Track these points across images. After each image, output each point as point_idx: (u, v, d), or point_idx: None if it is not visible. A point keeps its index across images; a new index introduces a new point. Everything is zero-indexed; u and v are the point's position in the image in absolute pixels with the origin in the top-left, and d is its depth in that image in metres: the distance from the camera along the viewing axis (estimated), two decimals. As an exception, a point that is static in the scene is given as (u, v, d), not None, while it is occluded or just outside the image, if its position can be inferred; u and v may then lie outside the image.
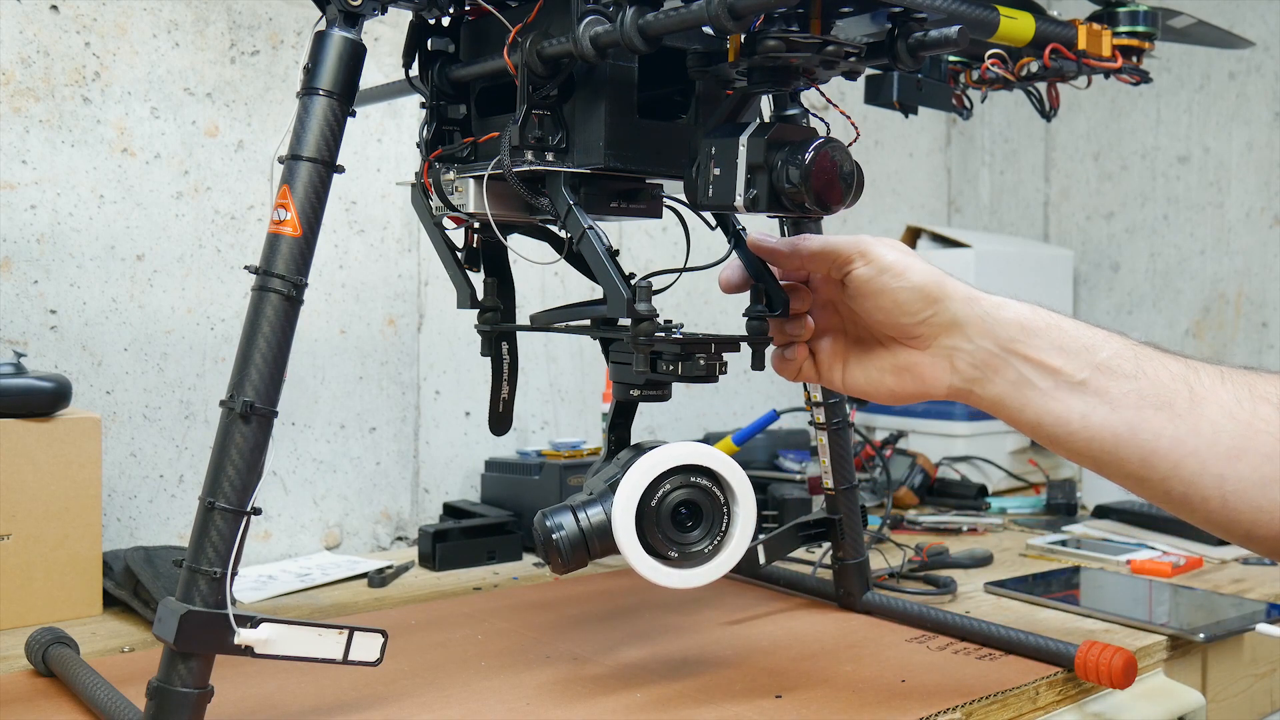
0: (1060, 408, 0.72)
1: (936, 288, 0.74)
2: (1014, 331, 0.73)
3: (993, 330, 0.73)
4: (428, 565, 1.25)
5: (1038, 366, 0.72)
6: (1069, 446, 0.73)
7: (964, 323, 0.74)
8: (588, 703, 0.80)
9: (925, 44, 0.75)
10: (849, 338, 0.80)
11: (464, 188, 0.81)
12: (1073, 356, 0.72)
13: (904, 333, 0.76)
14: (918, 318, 0.74)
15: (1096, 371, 0.71)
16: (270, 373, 0.68)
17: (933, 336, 0.75)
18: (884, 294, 0.74)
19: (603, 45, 0.70)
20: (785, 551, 1.05)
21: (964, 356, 0.74)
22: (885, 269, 0.74)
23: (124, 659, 0.92)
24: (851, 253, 0.76)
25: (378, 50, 1.34)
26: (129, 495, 1.21)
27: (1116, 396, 0.70)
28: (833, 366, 0.80)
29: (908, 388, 0.77)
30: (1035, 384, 0.72)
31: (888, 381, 0.78)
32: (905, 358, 0.77)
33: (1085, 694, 0.89)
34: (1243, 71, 1.80)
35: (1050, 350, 0.72)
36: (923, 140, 2.06)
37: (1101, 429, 0.71)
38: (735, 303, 1.73)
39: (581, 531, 0.73)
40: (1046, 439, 0.74)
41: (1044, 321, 0.73)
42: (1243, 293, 1.80)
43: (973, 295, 0.74)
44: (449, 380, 1.45)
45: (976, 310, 0.74)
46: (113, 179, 1.19)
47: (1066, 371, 0.72)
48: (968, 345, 0.74)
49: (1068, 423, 0.72)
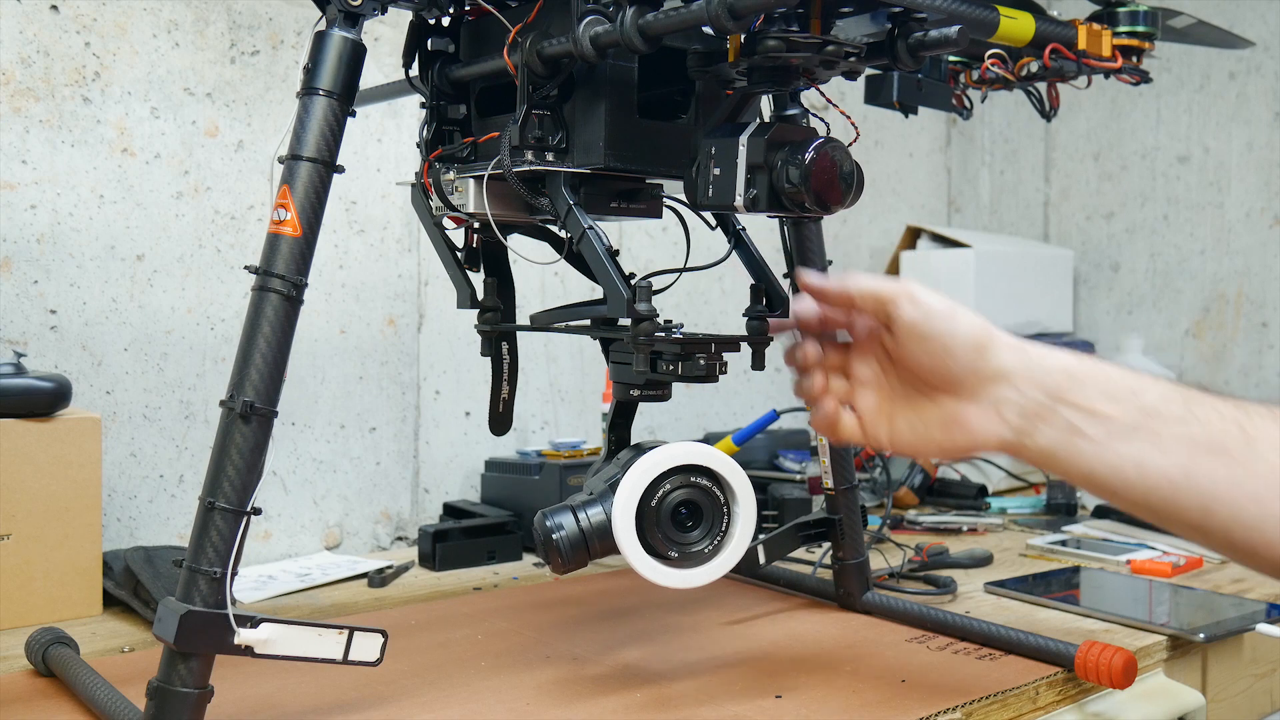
0: (1114, 457, 0.70)
1: (984, 335, 0.73)
2: (1060, 379, 0.72)
3: (1040, 379, 0.72)
4: (428, 565, 1.25)
5: (1088, 414, 0.71)
6: (1126, 497, 0.71)
7: (1011, 372, 0.72)
8: (588, 703, 0.80)
9: (925, 44, 0.75)
10: (893, 394, 0.78)
11: (464, 188, 0.81)
12: (1121, 402, 0.70)
13: (952, 381, 0.74)
14: (966, 365, 0.73)
15: (1146, 416, 0.69)
16: (270, 373, 0.68)
17: (980, 386, 0.73)
18: (932, 338, 0.73)
19: (603, 45, 0.70)
20: (785, 551, 1.05)
21: (1012, 406, 0.73)
22: (933, 313, 0.73)
23: (124, 659, 0.92)
24: (899, 293, 0.74)
25: (378, 50, 1.34)
26: (129, 495, 1.21)
27: (1168, 441, 0.69)
28: (878, 424, 0.79)
29: (957, 441, 0.75)
30: (1086, 433, 0.70)
31: (935, 436, 0.76)
32: (953, 410, 0.75)
33: (1085, 694, 0.89)
34: (1243, 71, 1.80)
35: (1099, 397, 0.71)
36: (923, 140, 2.06)
37: (1157, 477, 0.69)
38: (735, 303, 1.74)
39: (581, 531, 0.73)
40: (1101, 490, 0.72)
41: (1089, 368, 0.72)
42: (1243, 293, 1.80)
43: (1019, 344, 0.73)
44: (449, 380, 1.45)
45: (1023, 359, 0.73)
46: (113, 179, 1.19)
47: (1117, 417, 0.70)
48: (1015, 395, 0.72)
49: (1122, 471, 0.70)
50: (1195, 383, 0.74)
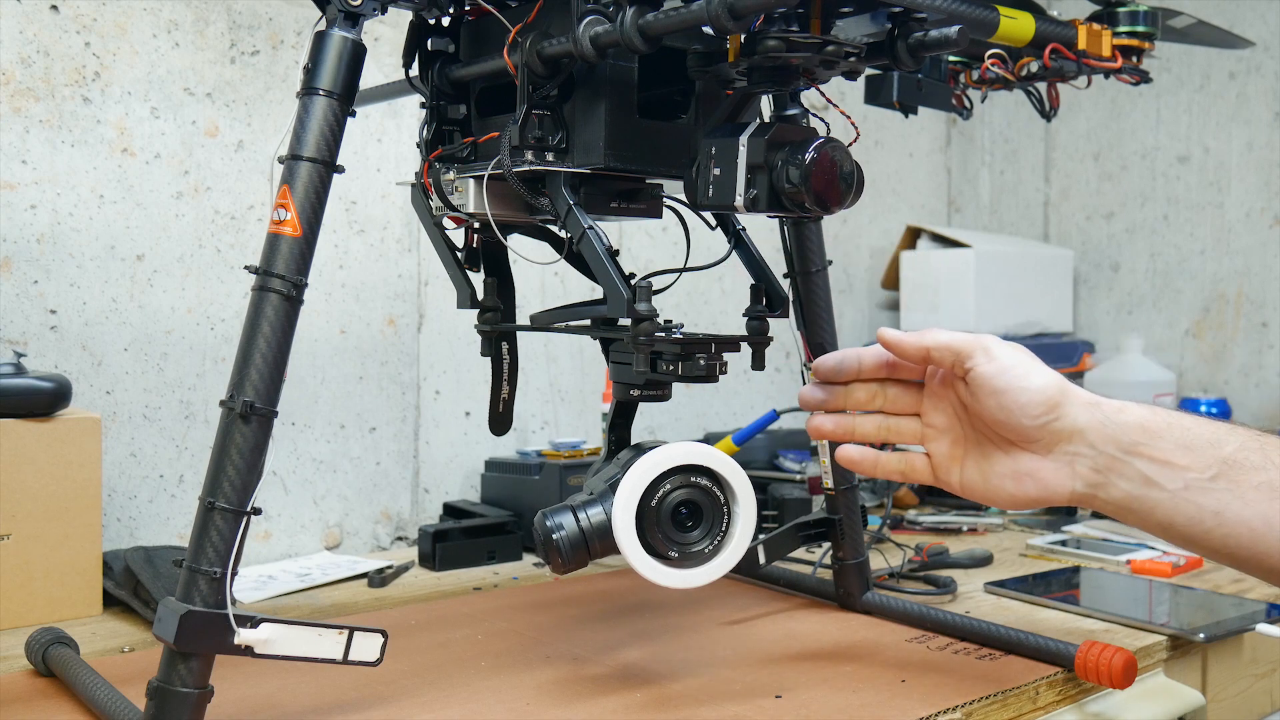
0: (1192, 508, 0.70)
1: (1059, 392, 0.73)
2: (1136, 435, 0.72)
3: (1115, 435, 0.72)
4: (428, 565, 1.25)
5: (1164, 466, 0.71)
6: (1205, 545, 0.71)
7: (1085, 429, 0.73)
8: (588, 703, 0.80)
9: (925, 44, 0.75)
10: (967, 441, 0.78)
11: (464, 188, 0.81)
12: (1199, 454, 0.71)
13: (1024, 436, 0.74)
14: (1039, 421, 0.73)
15: (1225, 466, 0.70)
16: (270, 373, 0.68)
17: (1054, 443, 0.74)
18: (1007, 393, 0.73)
19: (603, 45, 0.70)
20: (785, 551, 1.05)
21: (1086, 461, 0.73)
22: (1008, 368, 0.73)
23: (124, 659, 0.92)
24: (975, 347, 0.75)
25: (378, 50, 1.34)
26: (129, 495, 1.21)
27: (1248, 490, 0.69)
28: (950, 468, 0.79)
29: (1029, 493, 0.75)
30: (1163, 485, 0.71)
31: (1007, 486, 0.76)
32: (1026, 463, 0.75)
33: (1085, 694, 0.89)
34: (1243, 71, 1.80)
35: (1175, 450, 0.71)
36: (923, 140, 2.06)
37: (1237, 525, 0.69)
38: (735, 303, 1.74)
39: (582, 531, 0.73)
40: (1180, 539, 0.72)
41: (1165, 421, 0.72)
42: (1243, 293, 1.80)
43: (1094, 400, 0.74)
44: (449, 380, 1.45)
45: (1098, 416, 0.73)
46: (113, 179, 1.19)
47: (1195, 469, 0.70)
48: (1089, 451, 0.73)
49: (1201, 522, 0.70)
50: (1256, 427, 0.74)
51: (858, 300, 1.97)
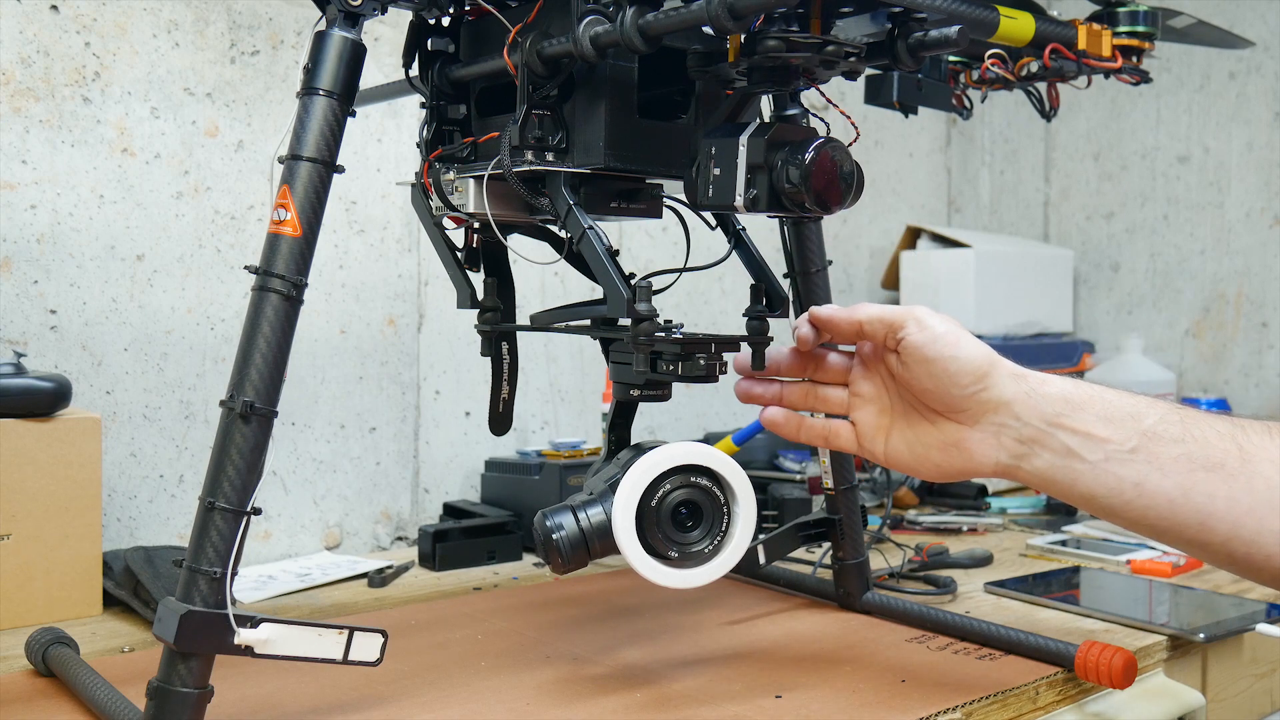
0: (1112, 479, 0.72)
1: (988, 363, 0.74)
2: (1059, 406, 0.73)
3: (1038, 406, 0.73)
4: (428, 565, 1.25)
5: (1085, 438, 0.72)
6: (1125, 516, 0.73)
7: (1011, 400, 0.74)
8: (588, 703, 0.80)
9: (925, 44, 0.75)
10: (894, 411, 0.80)
11: (464, 188, 0.81)
12: (1119, 425, 0.72)
13: (953, 406, 0.76)
14: (967, 391, 0.74)
15: (1145, 438, 0.71)
16: (270, 373, 0.68)
17: (981, 413, 0.75)
18: (937, 362, 0.74)
19: (603, 45, 0.70)
20: (785, 551, 1.05)
21: (1010, 432, 0.74)
22: (939, 337, 0.75)
23: (124, 659, 0.92)
24: (906, 317, 0.76)
25: (378, 50, 1.34)
26: (129, 495, 1.21)
27: (1167, 461, 0.70)
28: (875, 437, 0.80)
29: (954, 464, 0.77)
30: (1084, 456, 0.72)
31: (934, 457, 0.77)
32: (953, 434, 0.76)
33: (1085, 694, 0.89)
34: (1243, 71, 1.80)
35: (1096, 421, 0.72)
36: (923, 140, 2.06)
37: (1155, 495, 0.70)
38: (735, 303, 1.74)
39: (581, 531, 0.73)
40: (1101, 510, 0.73)
41: (1087, 394, 0.73)
42: (1243, 293, 1.80)
43: (1020, 372, 0.75)
44: (449, 380, 1.45)
45: (1023, 387, 0.74)
46: (113, 179, 1.19)
47: (1115, 440, 0.72)
48: (1014, 422, 0.74)
49: (1121, 493, 0.72)
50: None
51: (858, 300, 1.96)
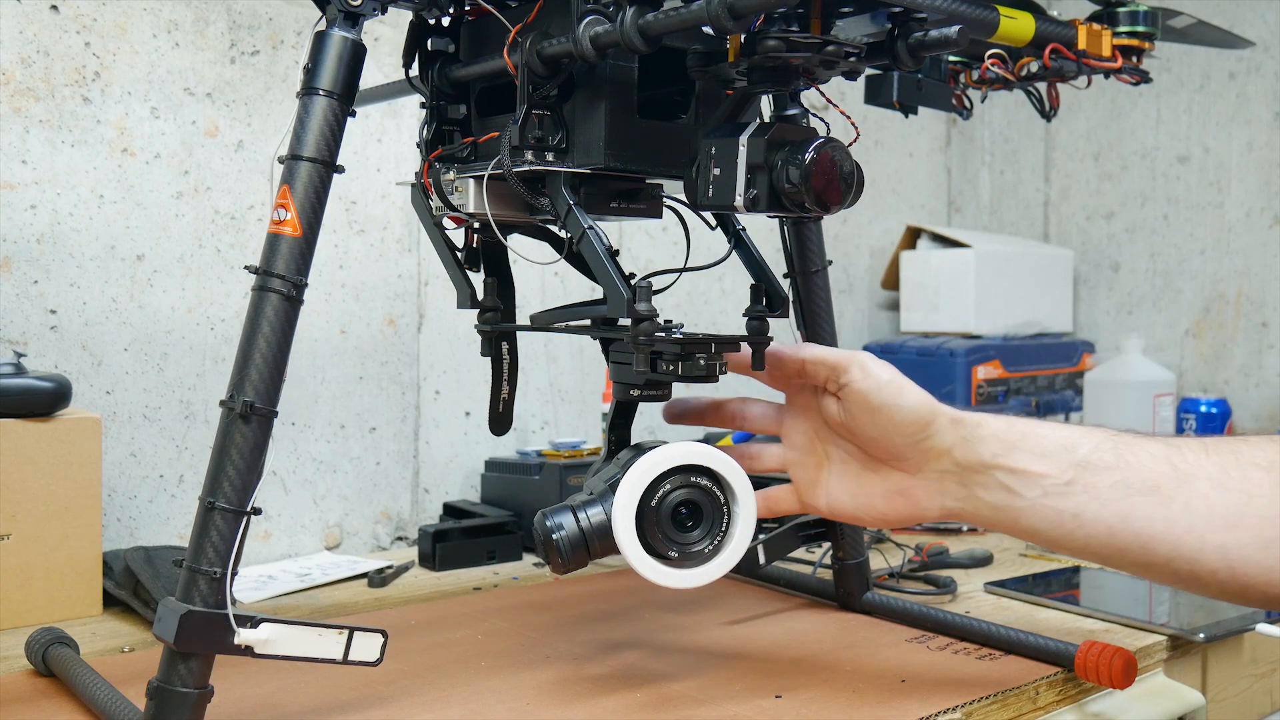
0: (1051, 513, 0.72)
1: (929, 411, 0.75)
2: (994, 447, 0.74)
3: (975, 449, 0.74)
4: (428, 565, 1.25)
5: (1021, 476, 0.73)
6: (1068, 547, 0.73)
7: (951, 446, 0.75)
8: (588, 703, 0.80)
9: (925, 44, 0.75)
10: (831, 460, 0.81)
11: (464, 188, 0.81)
12: (1053, 459, 0.73)
13: (896, 454, 0.76)
14: (911, 440, 0.75)
15: (1079, 469, 0.72)
16: (270, 373, 0.68)
17: (924, 460, 0.76)
18: (882, 410, 0.75)
19: (603, 45, 0.70)
20: (785, 551, 1.05)
21: (952, 478, 0.75)
22: (883, 385, 0.75)
23: (124, 659, 0.92)
24: (850, 362, 0.77)
25: (378, 50, 1.34)
26: (129, 495, 1.21)
27: (1103, 490, 0.71)
28: (814, 491, 0.81)
29: (899, 511, 0.78)
30: (1021, 493, 0.73)
31: (878, 506, 0.78)
32: (898, 482, 0.77)
33: (1085, 694, 0.89)
34: (1243, 71, 1.80)
35: (1031, 458, 0.73)
36: (923, 140, 2.06)
37: (1095, 525, 0.71)
38: (735, 303, 1.74)
39: (581, 531, 0.73)
40: (1045, 543, 0.74)
41: (1020, 431, 0.74)
42: (1243, 293, 1.80)
43: (958, 417, 0.75)
44: (449, 380, 1.45)
45: (961, 432, 0.75)
46: (113, 179, 1.19)
47: (1051, 475, 0.72)
48: (954, 467, 0.75)
49: (1060, 525, 0.72)
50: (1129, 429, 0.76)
51: (858, 300, 1.97)
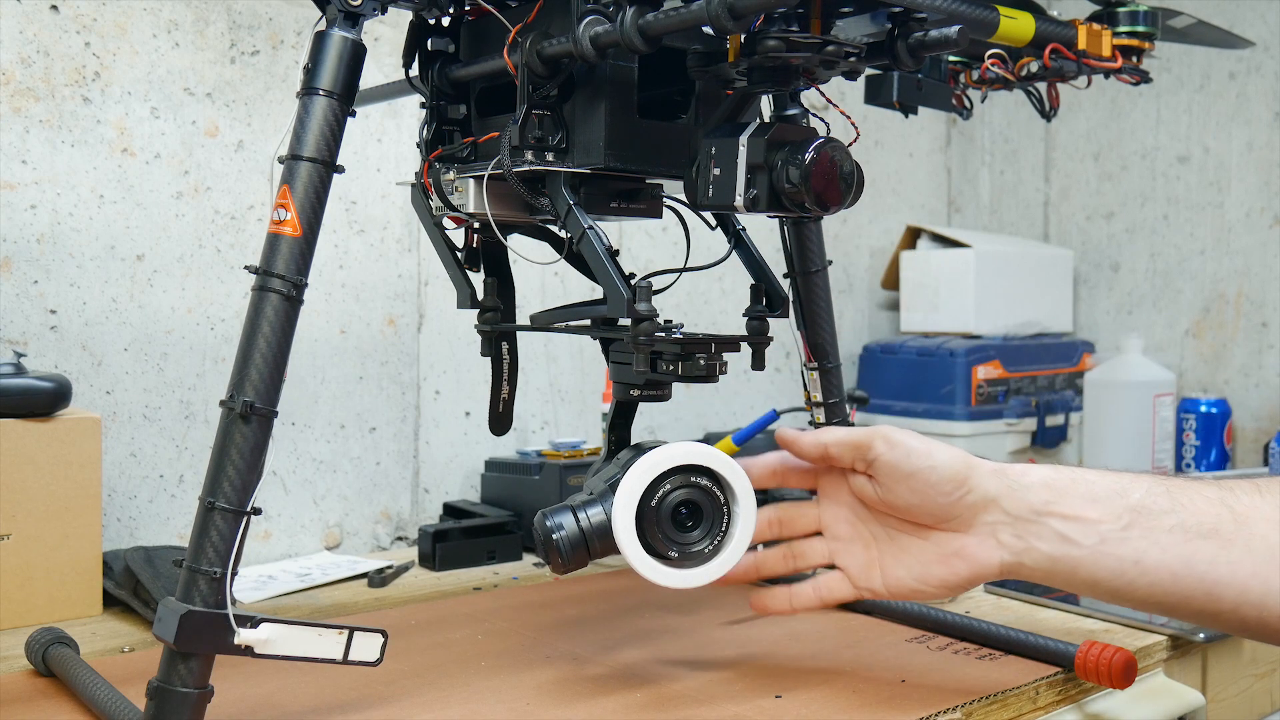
0: (1112, 560, 0.70)
1: (964, 465, 0.74)
2: (1044, 494, 0.72)
3: (1024, 497, 0.72)
4: (428, 565, 1.25)
5: (1076, 521, 0.71)
6: (1131, 597, 0.71)
7: (997, 495, 0.73)
8: (588, 703, 0.80)
9: (925, 44, 0.75)
10: (878, 541, 0.78)
11: (464, 188, 0.81)
12: (1107, 504, 0.71)
13: (941, 516, 0.74)
14: (952, 497, 0.73)
15: (1135, 514, 0.70)
16: (270, 373, 0.68)
17: (972, 516, 0.74)
18: (916, 475, 0.74)
19: (603, 45, 0.70)
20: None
21: (1006, 529, 0.73)
22: (912, 450, 0.74)
23: (124, 659, 0.92)
24: (873, 437, 0.75)
25: (378, 50, 1.34)
26: (129, 495, 1.21)
27: (1162, 534, 0.69)
28: (869, 575, 0.78)
29: (959, 573, 0.75)
30: (1079, 541, 0.71)
31: (937, 573, 0.76)
32: (950, 544, 0.75)
33: (1085, 694, 0.89)
34: (1243, 71, 1.80)
35: (1083, 503, 0.71)
36: (923, 140, 2.06)
37: (1158, 570, 0.69)
38: (735, 303, 1.73)
39: (581, 531, 0.73)
40: (1107, 595, 0.72)
41: (1069, 477, 0.73)
42: (1243, 293, 1.80)
43: (998, 468, 0.74)
44: (449, 380, 1.45)
45: (1005, 481, 0.73)
46: (113, 179, 1.19)
47: (1106, 520, 0.71)
48: (1005, 518, 0.73)
49: (1123, 573, 0.70)
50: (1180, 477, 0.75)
51: (858, 300, 1.97)
